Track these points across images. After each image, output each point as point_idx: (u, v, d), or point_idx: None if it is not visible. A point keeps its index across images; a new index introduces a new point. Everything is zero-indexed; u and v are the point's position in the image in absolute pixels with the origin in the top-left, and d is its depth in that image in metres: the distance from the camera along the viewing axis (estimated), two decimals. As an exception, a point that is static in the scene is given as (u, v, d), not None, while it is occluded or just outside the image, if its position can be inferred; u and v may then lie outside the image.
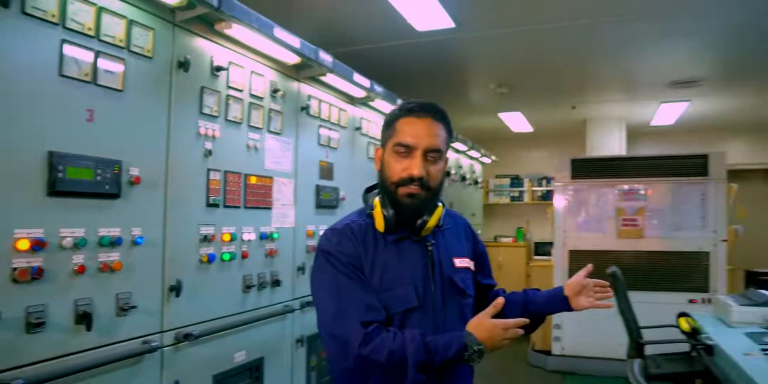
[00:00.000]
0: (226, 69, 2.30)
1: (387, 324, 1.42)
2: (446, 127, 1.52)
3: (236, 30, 2.24)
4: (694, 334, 3.16)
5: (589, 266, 1.63)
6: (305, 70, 2.85)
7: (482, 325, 1.39)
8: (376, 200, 1.50)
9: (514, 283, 7.21)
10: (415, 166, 1.44)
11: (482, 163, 7.18)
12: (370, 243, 1.48)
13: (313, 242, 2.98)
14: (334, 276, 1.43)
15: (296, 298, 2.84)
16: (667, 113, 6.86)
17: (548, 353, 5.59)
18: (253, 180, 2.49)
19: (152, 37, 1.95)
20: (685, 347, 3.61)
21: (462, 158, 6.12)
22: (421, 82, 5.27)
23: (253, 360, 2.49)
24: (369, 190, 1.63)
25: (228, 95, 2.33)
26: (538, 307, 1.62)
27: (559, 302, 1.60)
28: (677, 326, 3.41)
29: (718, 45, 4.46)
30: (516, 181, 8.47)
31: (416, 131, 1.46)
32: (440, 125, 1.50)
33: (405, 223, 1.49)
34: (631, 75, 5.38)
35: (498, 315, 1.42)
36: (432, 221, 1.50)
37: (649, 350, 3.82)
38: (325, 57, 2.80)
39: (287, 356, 2.78)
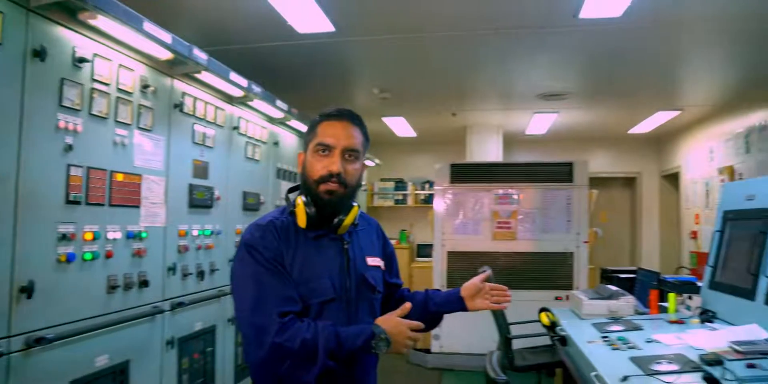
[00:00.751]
0: (90, 61, 2.21)
1: (305, 315, 1.52)
2: (363, 132, 1.66)
3: (102, 21, 2.16)
4: (552, 327, 3.39)
5: (488, 272, 1.82)
6: (179, 67, 2.79)
7: (390, 320, 1.52)
8: (299, 199, 1.59)
9: (398, 285, 7.38)
10: (334, 163, 1.56)
11: (366, 166, 7.31)
12: (291, 239, 1.58)
13: (185, 242, 2.93)
14: (255, 269, 1.51)
15: (166, 299, 2.77)
16: (539, 123, 7.28)
17: (428, 351, 5.77)
18: (119, 177, 2.41)
19: (0, 22, 1.83)
20: (548, 340, 3.88)
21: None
22: (304, 83, 5.28)
23: (117, 364, 2.40)
24: (291, 190, 1.72)
25: (92, 88, 2.24)
26: (437, 306, 1.79)
27: (456, 302, 1.78)
28: (540, 321, 3.65)
29: (579, 62, 4.83)
30: (400, 184, 8.66)
31: (335, 132, 1.60)
32: (357, 129, 1.64)
33: (324, 220, 1.60)
34: (507, 86, 5.66)
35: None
36: (348, 220, 1.62)
37: (519, 344, 4.08)
38: (200, 54, 2.76)
39: (156, 359, 2.70)
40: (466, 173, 5.74)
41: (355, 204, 1.67)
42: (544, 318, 3.54)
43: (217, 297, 3.23)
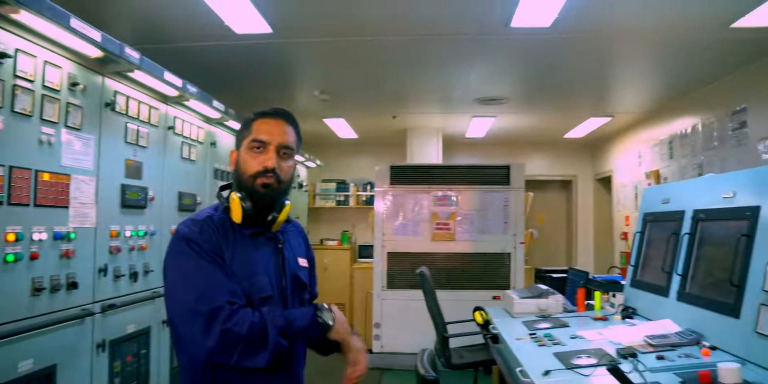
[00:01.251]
0: (12, 56, 2.13)
1: None
2: (296, 131, 1.69)
3: (25, 16, 2.08)
4: (486, 325, 3.49)
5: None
6: (110, 65, 2.72)
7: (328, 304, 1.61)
8: (233, 195, 1.60)
9: (339, 286, 7.39)
10: (269, 159, 1.59)
11: (307, 167, 7.30)
12: (229, 235, 1.58)
13: (117, 243, 2.87)
14: (197, 261, 1.49)
15: (97, 301, 2.70)
16: (478, 127, 7.42)
17: (369, 351, 5.82)
18: (46, 177, 2.34)
19: None
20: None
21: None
22: (244, 84, 5.24)
23: (42, 368, 2.32)
24: (223, 188, 1.73)
25: (15, 85, 2.16)
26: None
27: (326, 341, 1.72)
28: (474, 320, 3.75)
29: (514, 69, 4.99)
30: (342, 185, 8.65)
31: (270, 129, 1.63)
32: (291, 127, 1.68)
33: (259, 216, 1.62)
34: (446, 90, 5.76)
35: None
36: (282, 216, 1.65)
37: (458, 342, 4.17)
38: (132, 53, 2.71)
39: (86, 362, 2.63)
40: (405, 175, 5.83)
41: (287, 202, 1.69)
42: (478, 317, 3.65)
43: (151, 298, 3.17)
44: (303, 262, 1.77)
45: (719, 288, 2.29)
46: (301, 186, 6.93)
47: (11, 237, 2.14)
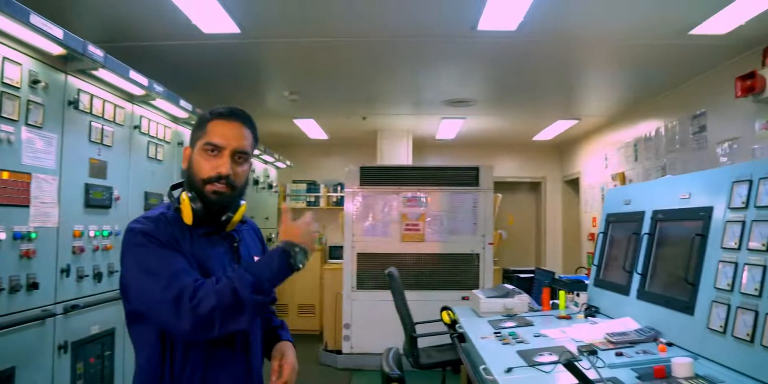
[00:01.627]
0: (-29, 53, 2.11)
1: None
2: (253, 133, 1.65)
3: (-16, 12, 2.06)
4: (453, 325, 3.52)
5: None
6: (73, 63, 2.68)
7: (291, 227, 1.54)
8: (184, 195, 1.56)
9: (309, 286, 7.38)
10: (223, 165, 1.54)
11: (277, 168, 7.27)
12: (185, 233, 1.55)
13: (81, 243, 2.83)
14: (161, 251, 1.47)
15: (59, 302, 2.66)
16: (448, 128, 7.48)
17: (339, 352, 5.83)
18: (5, 175, 2.30)
19: None
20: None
21: (255, 162, 6.14)
22: (212, 83, 5.20)
23: (0, 371, 2.29)
24: (174, 187, 1.69)
25: (-27, 82, 2.14)
26: (274, 335, 1.83)
27: (270, 347, 1.78)
28: (442, 319, 3.78)
29: (482, 71, 5.05)
30: (312, 186, 8.65)
31: (226, 133, 1.57)
32: (248, 130, 1.62)
33: (212, 217, 1.58)
34: (415, 92, 5.80)
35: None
36: (237, 217, 1.62)
37: (427, 342, 4.20)
38: (95, 51, 2.68)
39: (47, 364, 2.58)
40: (375, 176, 5.85)
41: (243, 202, 1.66)
42: (446, 316, 3.68)
43: (116, 299, 3.12)
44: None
45: (676, 286, 2.36)
46: (271, 187, 6.89)
47: (-32, 236, 2.10)
